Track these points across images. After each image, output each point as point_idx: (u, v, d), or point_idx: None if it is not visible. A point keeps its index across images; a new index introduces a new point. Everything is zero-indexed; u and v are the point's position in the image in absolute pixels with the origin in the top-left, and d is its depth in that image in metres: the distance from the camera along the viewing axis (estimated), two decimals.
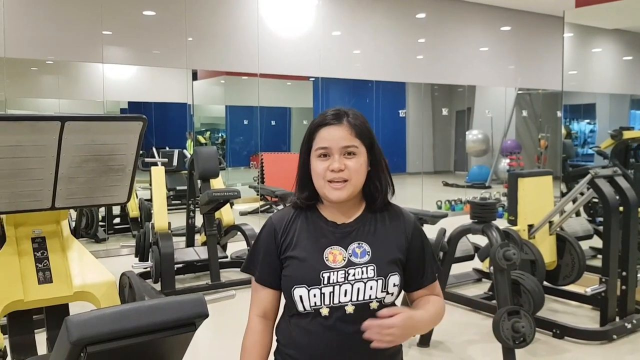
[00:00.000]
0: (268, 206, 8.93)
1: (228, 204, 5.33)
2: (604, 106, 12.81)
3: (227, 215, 5.34)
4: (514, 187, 4.23)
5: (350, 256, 1.38)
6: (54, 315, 2.51)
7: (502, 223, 4.23)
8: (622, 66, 11.76)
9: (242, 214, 8.78)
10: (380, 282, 1.36)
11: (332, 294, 1.35)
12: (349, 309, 1.35)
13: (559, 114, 10.62)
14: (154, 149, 9.19)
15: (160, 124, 9.87)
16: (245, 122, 11.67)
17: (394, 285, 1.38)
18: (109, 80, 8.50)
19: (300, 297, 1.36)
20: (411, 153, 14.49)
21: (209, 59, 7.47)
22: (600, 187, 3.86)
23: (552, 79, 10.35)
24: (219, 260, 5.15)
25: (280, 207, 8.44)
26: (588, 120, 13.47)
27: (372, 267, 1.37)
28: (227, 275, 5.37)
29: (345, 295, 1.35)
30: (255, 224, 8.29)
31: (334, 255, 1.38)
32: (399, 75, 9.20)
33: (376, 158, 1.45)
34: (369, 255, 1.38)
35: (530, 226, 4.22)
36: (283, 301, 1.47)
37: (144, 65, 7.61)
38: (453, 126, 14.19)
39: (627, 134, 8.67)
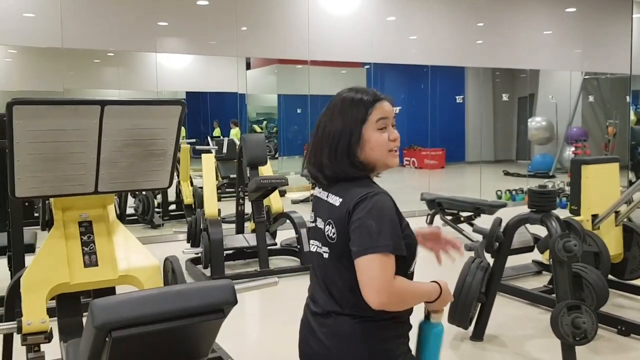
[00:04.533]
0: None
1: (277, 192, 5.31)
2: None
3: (275, 202, 5.31)
4: (577, 175, 3.97)
5: None
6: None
7: (565, 214, 4.00)
8: None
9: (294, 202, 8.78)
10: None
11: None
12: None
13: (628, 99, 9.98)
14: (209, 138, 9.34)
15: (217, 114, 10.01)
16: (299, 110, 11.64)
17: None
18: (165, 70, 8.68)
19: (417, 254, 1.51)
20: (470, 141, 14.07)
21: (260, 47, 7.46)
22: None
23: (620, 62, 9.75)
24: (268, 247, 5.15)
25: None
26: None
27: None
28: (276, 262, 5.36)
29: None
30: (306, 212, 8.29)
31: None
32: (456, 60, 8.90)
33: None
34: None
35: (595, 216, 3.95)
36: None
37: (197, 54, 7.72)
38: (515, 113, 13.67)
39: None
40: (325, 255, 1.46)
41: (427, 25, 8.31)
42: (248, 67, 10.57)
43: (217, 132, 9.72)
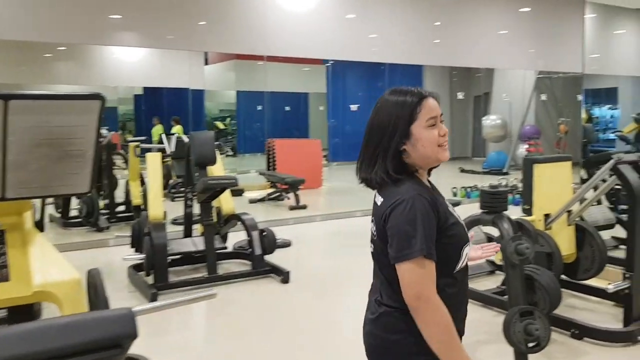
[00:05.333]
0: (278, 194, 8.67)
1: (228, 192, 5.09)
2: (627, 90, 12.30)
3: (226, 204, 5.10)
4: (529, 174, 3.86)
5: None
6: (16, 317, 2.28)
7: (519, 210, 3.92)
8: None
9: (252, 201, 8.56)
10: None
11: None
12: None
13: (579, 97, 10.15)
14: (162, 136, 9.01)
15: (175, 110, 9.69)
16: (259, 107, 11.42)
17: None
18: (122, 65, 8.38)
19: (466, 254, 1.54)
20: None
21: (218, 42, 7.20)
22: (624, 173, 3.54)
23: (572, 62, 9.90)
24: (219, 251, 4.93)
25: (291, 194, 8.19)
26: (610, 105, 12.97)
27: None
28: (228, 267, 5.14)
29: None
30: (264, 212, 8.18)
31: None
32: (415, 59, 8.85)
33: None
34: None
35: (547, 216, 3.88)
36: None
37: (153, 48, 7.49)
38: (470, 111, 13.79)
39: None
40: (371, 251, 1.57)
41: (386, 23, 8.23)
42: (207, 62, 10.31)
43: (175, 129, 9.40)
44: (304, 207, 7.97)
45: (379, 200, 1.52)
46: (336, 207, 8.41)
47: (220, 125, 12.07)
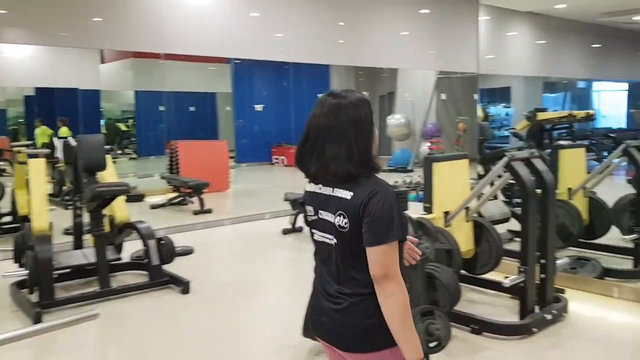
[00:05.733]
0: (181, 198, 8.31)
1: (122, 200, 4.76)
2: (519, 89, 13.05)
3: (120, 211, 4.76)
4: (429, 173, 3.86)
5: None
6: None
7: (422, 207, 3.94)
8: (535, 49, 11.97)
9: (154, 207, 8.15)
10: None
11: None
12: None
13: (476, 97, 10.61)
14: (54, 140, 8.37)
15: (70, 112, 9.03)
16: (161, 108, 10.97)
17: None
18: (11, 64, 7.71)
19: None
20: None
21: (114, 39, 6.75)
22: (517, 169, 3.66)
23: (469, 62, 10.31)
24: (112, 262, 4.59)
25: (195, 198, 7.87)
26: (504, 104, 13.71)
27: None
28: (123, 279, 4.80)
29: None
30: (165, 219, 7.77)
31: None
32: (320, 58, 8.83)
33: None
34: None
35: (446, 213, 3.95)
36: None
37: (45, 46, 7.08)
38: (376, 110, 14.04)
39: (541, 115, 8.77)
40: (332, 243, 1.61)
41: (290, 23, 8.14)
42: (103, 61, 9.71)
43: (62, 132, 8.77)
44: (209, 211, 7.70)
45: (346, 194, 1.57)
46: (244, 210, 8.21)
47: (122, 126, 11.48)
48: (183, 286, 4.47)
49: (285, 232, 6.46)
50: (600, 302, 4.16)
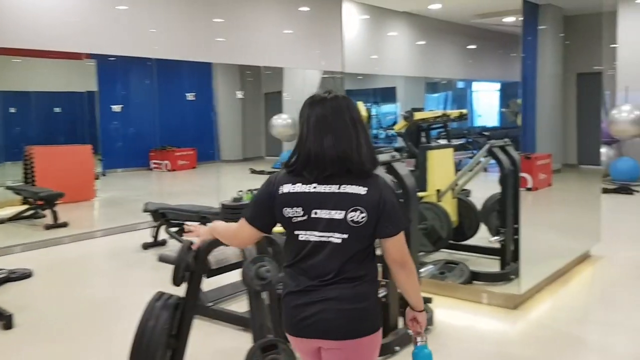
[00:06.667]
0: (33, 211, 7.34)
1: None
2: (403, 89, 13.22)
3: None
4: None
5: None
6: None
7: None
8: (415, 50, 12.14)
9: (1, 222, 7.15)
10: None
11: None
12: None
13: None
14: None
15: None
16: (12, 110, 9.80)
17: None
18: None
19: None
20: (222, 139, 13.63)
21: None
22: (397, 171, 3.44)
23: (356, 62, 10.18)
24: None
25: (47, 211, 6.97)
26: (390, 103, 13.86)
27: None
28: None
29: None
30: (11, 235, 6.77)
31: None
32: (197, 55, 8.25)
33: None
34: None
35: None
36: None
37: None
38: (263, 110, 13.62)
39: (417, 115, 8.79)
40: (335, 240, 1.64)
41: (163, 18, 7.54)
42: None
43: None
44: (64, 225, 6.85)
45: (360, 189, 1.63)
46: (106, 222, 7.43)
47: None
48: (4, 320, 3.77)
49: (146, 246, 5.81)
50: (470, 309, 4.02)
